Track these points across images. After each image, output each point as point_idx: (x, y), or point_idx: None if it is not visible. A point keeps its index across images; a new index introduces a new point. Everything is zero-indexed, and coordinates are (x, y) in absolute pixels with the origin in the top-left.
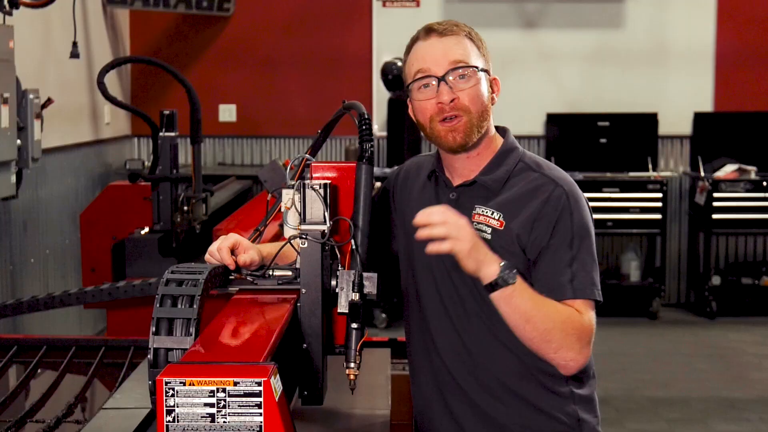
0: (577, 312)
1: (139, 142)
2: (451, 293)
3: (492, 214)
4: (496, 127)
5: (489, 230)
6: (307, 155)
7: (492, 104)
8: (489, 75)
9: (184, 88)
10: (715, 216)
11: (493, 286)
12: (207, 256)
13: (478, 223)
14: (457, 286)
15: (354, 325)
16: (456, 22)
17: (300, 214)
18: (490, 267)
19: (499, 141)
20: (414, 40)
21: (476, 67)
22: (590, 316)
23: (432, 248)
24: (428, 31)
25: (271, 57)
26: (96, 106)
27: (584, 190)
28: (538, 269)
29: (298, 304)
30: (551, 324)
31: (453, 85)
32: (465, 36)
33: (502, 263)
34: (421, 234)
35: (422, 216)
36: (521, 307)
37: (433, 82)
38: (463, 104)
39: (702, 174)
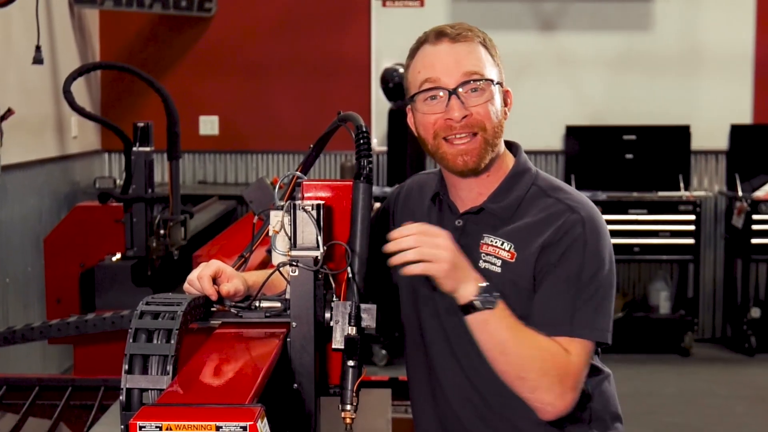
0: (565, 351)
1: (110, 158)
2: (457, 329)
3: (502, 244)
4: (506, 143)
5: (499, 263)
6: (298, 173)
7: (504, 119)
8: (502, 87)
9: (161, 97)
10: (754, 241)
11: (468, 308)
12: (186, 286)
13: (487, 254)
14: (464, 320)
15: (350, 363)
16: (469, 26)
17: (290, 239)
18: (467, 287)
19: (510, 161)
20: (421, 43)
21: (491, 80)
22: (582, 358)
23: (406, 271)
24: (439, 34)
25: (258, 63)
26: (62, 118)
27: (608, 212)
28: (536, 297)
29: (288, 339)
30: (528, 360)
31: (465, 100)
32: (479, 43)
33: (483, 284)
34: (393, 260)
35: (394, 236)
36: (496, 335)
37: (442, 95)
38: (476, 121)
39: (740, 193)
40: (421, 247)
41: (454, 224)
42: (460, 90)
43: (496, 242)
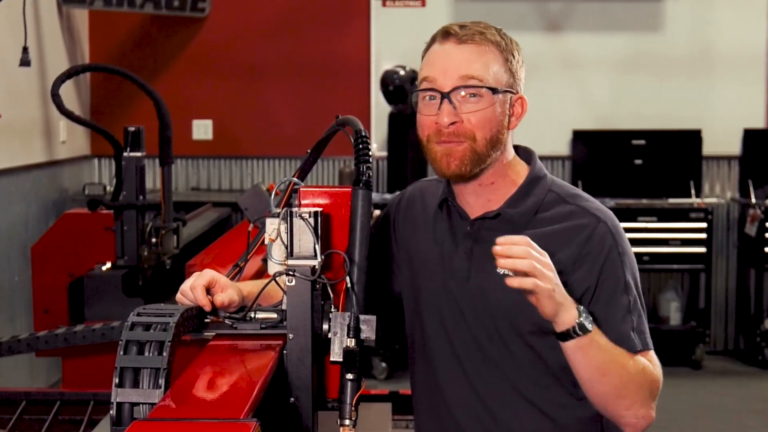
0: (649, 363)
1: (99, 164)
2: (465, 340)
3: None
4: (518, 149)
5: None
6: (295, 179)
7: (511, 128)
8: (515, 93)
9: (152, 100)
10: None
11: (570, 334)
12: (179, 296)
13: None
14: (475, 332)
15: (349, 376)
16: (484, 27)
17: (287, 248)
18: (569, 311)
19: (522, 168)
20: (432, 40)
21: (492, 89)
22: (659, 366)
23: (513, 282)
24: (446, 33)
25: (253, 64)
26: (50, 122)
27: (618, 220)
28: (596, 321)
29: (285, 352)
30: (628, 378)
31: (458, 105)
32: (492, 45)
33: (580, 307)
34: (503, 263)
35: (503, 243)
36: (598, 358)
37: (436, 94)
38: (465, 129)
39: (753, 200)
40: (531, 256)
41: (465, 230)
42: (455, 96)
43: None
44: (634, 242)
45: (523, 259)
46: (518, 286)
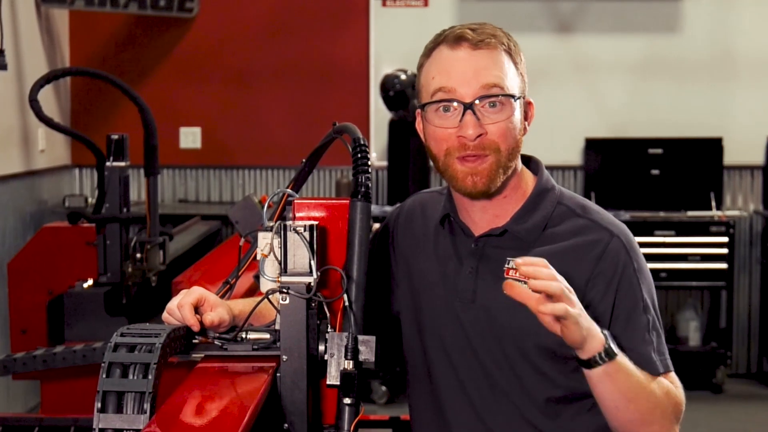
0: (672, 385)
1: (80, 174)
2: (471, 365)
3: None
4: (525, 159)
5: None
6: (289, 190)
7: (523, 135)
8: (524, 99)
9: (137, 107)
10: None
11: (597, 360)
12: (165, 315)
13: (515, 279)
14: (480, 357)
15: (347, 401)
16: (493, 30)
17: (280, 263)
18: (596, 337)
19: (530, 179)
20: (438, 43)
21: (513, 96)
22: (681, 387)
23: (545, 308)
24: (459, 38)
25: (245, 68)
26: (28, 130)
27: (632, 233)
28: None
29: (278, 375)
30: (654, 403)
31: (482, 116)
32: (503, 50)
33: (605, 331)
34: (535, 285)
35: (529, 263)
36: (625, 384)
37: (456, 107)
38: (491, 141)
39: None
40: (558, 280)
41: (470, 248)
42: (477, 104)
43: None
44: (651, 258)
45: (553, 281)
46: (551, 312)
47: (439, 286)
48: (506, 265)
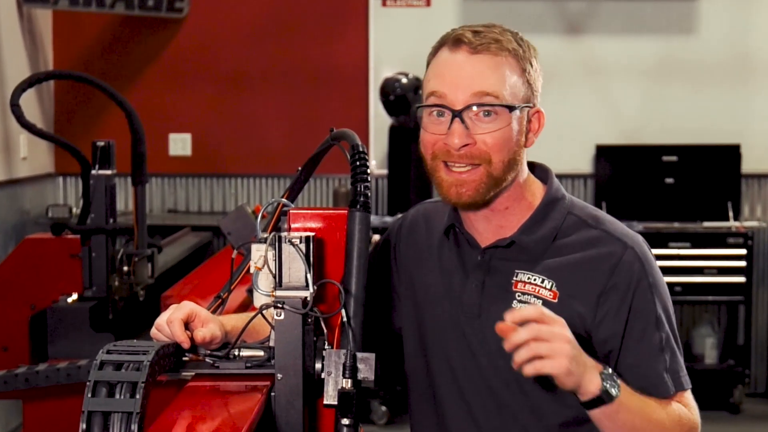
0: (685, 407)
1: (65, 183)
2: (476, 384)
3: (542, 282)
4: (533, 167)
5: (539, 303)
6: (284, 200)
7: (528, 146)
8: (532, 107)
9: (124, 112)
10: None
11: (594, 402)
12: (154, 331)
13: (523, 293)
14: (487, 375)
15: (345, 421)
16: (499, 33)
17: (274, 277)
18: (591, 381)
19: (538, 188)
20: (440, 45)
21: (508, 107)
22: (696, 407)
23: (528, 370)
24: (457, 41)
25: (238, 72)
26: (9, 136)
27: (648, 244)
28: (625, 361)
29: (273, 394)
30: None
31: (471, 125)
32: (508, 55)
33: (603, 372)
34: (508, 346)
35: (509, 320)
36: (628, 421)
37: (446, 114)
38: (480, 152)
39: None
40: (538, 339)
41: (475, 260)
42: (467, 112)
43: (534, 279)
44: (665, 271)
45: (539, 342)
46: (534, 373)
47: (443, 300)
48: (514, 278)
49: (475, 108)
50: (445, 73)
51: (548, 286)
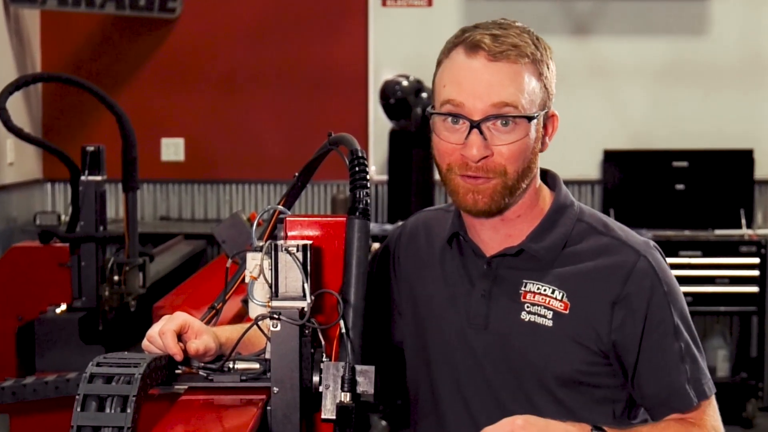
0: (708, 416)
1: (53, 189)
2: (483, 398)
3: (553, 292)
4: (543, 173)
5: (550, 314)
6: (281, 207)
7: (543, 150)
8: (548, 112)
9: (114, 116)
10: None
11: None
12: (145, 343)
13: (533, 304)
14: (495, 388)
15: None
16: (517, 36)
17: (270, 287)
18: None
19: (547, 195)
20: (454, 45)
21: (528, 117)
22: (717, 417)
23: None
24: (476, 46)
25: (232, 74)
26: None
27: (660, 250)
28: (644, 374)
29: (269, 408)
30: None
31: (490, 136)
32: (527, 61)
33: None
34: None
35: None
36: None
37: (463, 122)
38: (496, 164)
39: None
40: None
41: (481, 269)
42: (486, 123)
43: (544, 289)
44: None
45: None
46: None
47: (447, 311)
48: (523, 288)
49: (494, 119)
50: (463, 82)
51: (559, 297)
